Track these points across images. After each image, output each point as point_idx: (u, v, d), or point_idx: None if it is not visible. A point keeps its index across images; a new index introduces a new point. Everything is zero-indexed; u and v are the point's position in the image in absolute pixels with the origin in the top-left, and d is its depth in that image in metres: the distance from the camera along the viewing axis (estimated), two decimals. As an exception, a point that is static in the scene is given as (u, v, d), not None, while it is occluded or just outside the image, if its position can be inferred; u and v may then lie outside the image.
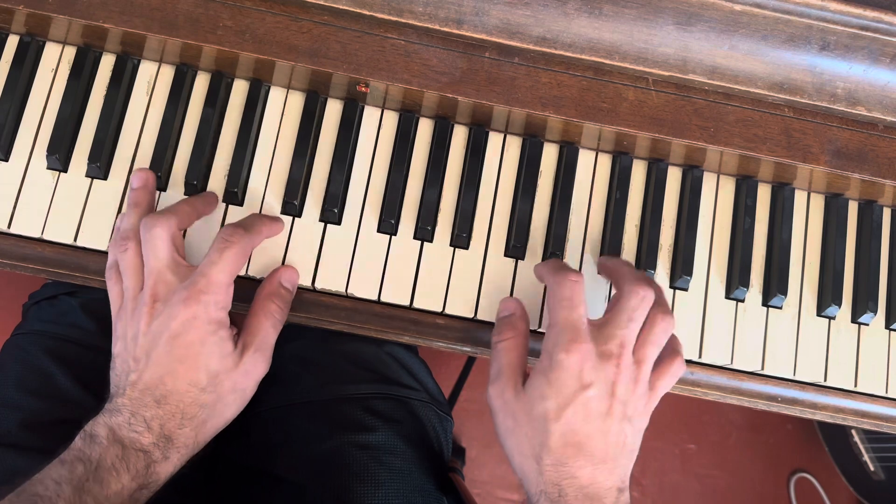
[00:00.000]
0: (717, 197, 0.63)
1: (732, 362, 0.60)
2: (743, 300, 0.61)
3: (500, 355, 0.53)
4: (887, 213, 0.64)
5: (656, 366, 0.53)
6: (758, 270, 0.62)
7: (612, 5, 0.54)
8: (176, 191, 0.58)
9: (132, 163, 0.58)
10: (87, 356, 0.64)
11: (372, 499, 0.60)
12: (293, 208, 0.58)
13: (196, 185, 0.58)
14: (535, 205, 0.60)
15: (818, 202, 0.64)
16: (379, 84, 0.57)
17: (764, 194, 0.63)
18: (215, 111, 0.59)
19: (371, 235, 0.59)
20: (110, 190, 0.58)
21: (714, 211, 0.62)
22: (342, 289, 0.58)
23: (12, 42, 0.59)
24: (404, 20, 0.55)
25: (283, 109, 0.60)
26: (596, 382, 0.49)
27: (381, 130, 0.60)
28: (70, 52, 0.59)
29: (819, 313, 0.61)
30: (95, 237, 0.57)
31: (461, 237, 0.59)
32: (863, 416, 0.62)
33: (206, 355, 0.50)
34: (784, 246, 0.61)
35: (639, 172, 0.62)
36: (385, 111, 0.61)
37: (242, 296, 0.55)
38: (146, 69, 0.60)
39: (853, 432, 1.31)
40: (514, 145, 0.61)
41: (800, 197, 0.63)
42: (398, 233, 0.59)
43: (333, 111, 0.60)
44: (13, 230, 0.57)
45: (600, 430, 0.49)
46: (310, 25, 0.56)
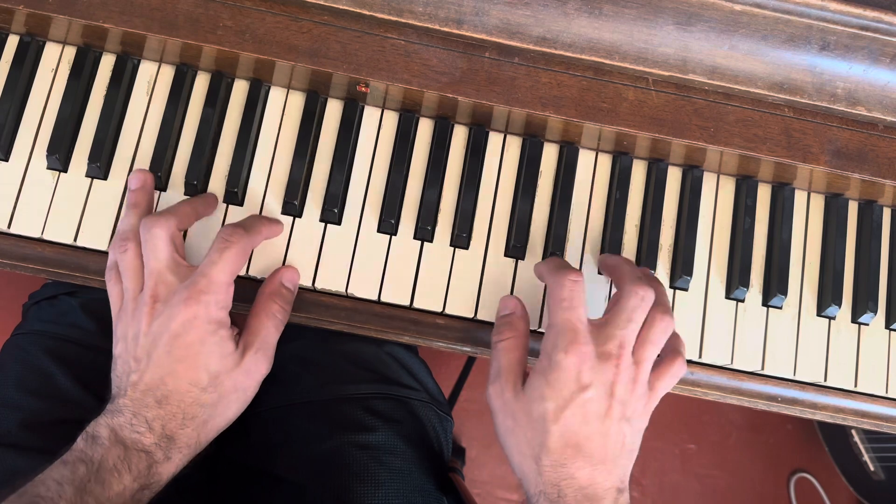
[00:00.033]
0: (717, 197, 0.63)
1: (732, 362, 0.60)
2: (743, 300, 0.61)
3: (500, 355, 0.53)
4: (887, 213, 0.64)
5: (656, 366, 0.53)
6: (758, 270, 0.62)
7: (612, 5, 0.54)
8: (176, 191, 0.58)
9: (132, 163, 0.58)
10: (87, 356, 0.64)
11: (372, 499, 0.60)
12: (293, 208, 0.58)
13: (196, 185, 0.58)
14: (535, 205, 0.60)
15: (818, 202, 0.64)
16: (379, 84, 0.57)
17: (764, 194, 0.63)
18: (215, 111, 0.59)
19: (371, 235, 0.59)
20: (110, 190, 0.58)
21: (714, 211, 0.62)
22: (342, 289, 0.58)
23: (12, 42, 0.59)
24: (404, 20, 0.55)
25: (284, 109, 0.60)
26: (594, 383, 0.48)
27: (382, 130, 0.60)
28: (70, 52, 0.59)
29: (819, 313, 0.62)
30: (95, 237, 0.57)
31: (461, 237, 0.59)
32: (863, 416, 0.62)
33: (207, 355, 0.50)
34: (784, 246, 0.61)
35: (639, 172, 0.62)
36: (385, 111, 0.61)
37: (243, 296, 0.55)
38: (146, 69, 0.60)
39: (853, 432, 1.31)
40: (514, 145, 0.61)
41: (800, 197, 0.63)
42: (398, 233, 0.59)
43: (333, 111, 0.60)
44: (13, 230, 0.57)
45: (599, 431, 0.49)
46: (310, 25, 0.56)
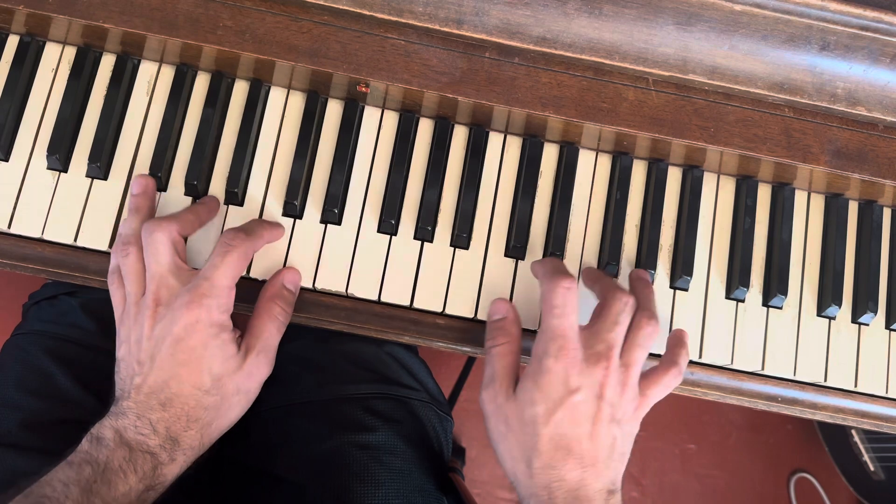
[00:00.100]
0: (718, 197, 0.63)
1: (732, 362, 0.60)
2: (743, 300, 0.61)
3: (494, 360, 0.54)
4: (887, 213, 0.64)
5: (651, 373, 0.54)
6: (758, 271, 0.62)
7: (612, 5, 0.54)
8: (176, 191, 0.58)
9: (132, 163, 0.58)
10: (87, 356, 0.64)
11: (372, 499, 0.60)
12: (294, 208, 0.58)
13: (196, 186, 0.57)
14: (535, 205, 0.60)
15: (818, 202, 0.64)
16: (379, 84, 0.57)
17: (764, 194, 0.63)
18: (215, 111, 0.59)
19: (371, 236, 0.59)
20: (110, 190, 0.58)
21: (714, 211, 0.62)
22: (342, 289, 0.58)
23: (12, 42, 0.59)
24: (404, 20, 0.55)
25: (284, 110, 0.60)
26: (583, 386, 0.49)
27: (382, 130, 0.60)
28: (70, 52, 0.59)
29: (819, 313, 0.61)
30: (95, 237, 0.57)
31: (461, 237, 0.59)
32: (863, 416, 0.62)
33: (209, 358, 0.50)
34: (784, 246, 0.61)
35: (639, 172, 0.62)
36: (385, 111, 0.61)
37: (244, 297, 0.55)
38: (146, 69, 0.60)
39: (853, 432, 1.31)
40: (515, 145, 0.61)
41: (800, 197, 0.63)
42: (398, 233, 0.59)
43: (334, 111, 0.60)
44: (13, 230, 0.57)
45: (589, 434, 0.49)
46: (310, 25, 0.56)
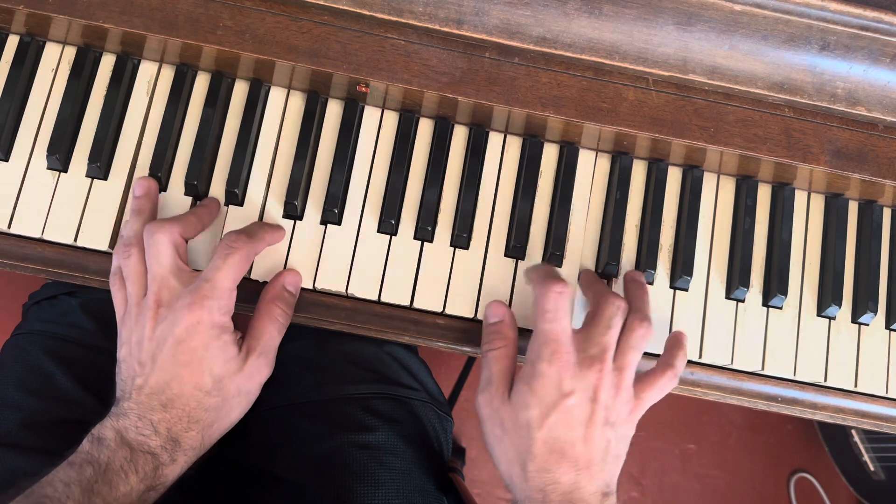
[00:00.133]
0: (718, 197, 0.63)
1: (732, 362, 0.60)
2: (743, 300, 0.61)
3: (491, 364, 0.54)
4: (887, 213, 0.64)
5: (646, 376, 0.54)
6: (758, 271, 0.62)
7: (612, 5, 0.54)
8: (176, 191, 0.58)
9: (132, 163, 0.58)
10: (87, 356, 0.64)
11: (372, 499, 0.60)
12: (294, 208, 0.58)
13: (196, 186, 0.57)
14: (535, 205, 0.60)
15: (818, 202, 0.64)
16: (379, 84, 0.57)
17: (764, 194, 0.63)
18: (216, 111, 0.59)
19: (371, 236, 0.59)
20: (110, 190, 0.58)
21: (714, 211, 0.62)
22: (342, 289, 0.58)
23: (12, 42, 0.59)
24: (404, 20, 0.55)
25: (284, 110, 0.60)
26: (577, 390, 0.50)
27: (382, 130, 0.60)
28: (70, 52, 0.59)
29: (819, 313, 0.61)
30: (95, 237, 0.57)
31: (461, 237, 0.59)
32: (863, 416, 0.62)
33: (211, 359, 0.50)
34: (784, 246, 0.61)
35: (639, 172, 0.62)
36: (385, 111, 0.61)
37: (245, 298, 0.55)
38: (146, 69, 0.60)
39: (853, 432, 1.31)
40: (514, 145, 0.61)
41: (800, 197, 0.63)
42: (398, 233, 0.59)
43: (334, 111, 0.60)
44: (13, 230, 0.57)
45: (582, 437, 0.50)
46: (310, 25, 0.56)
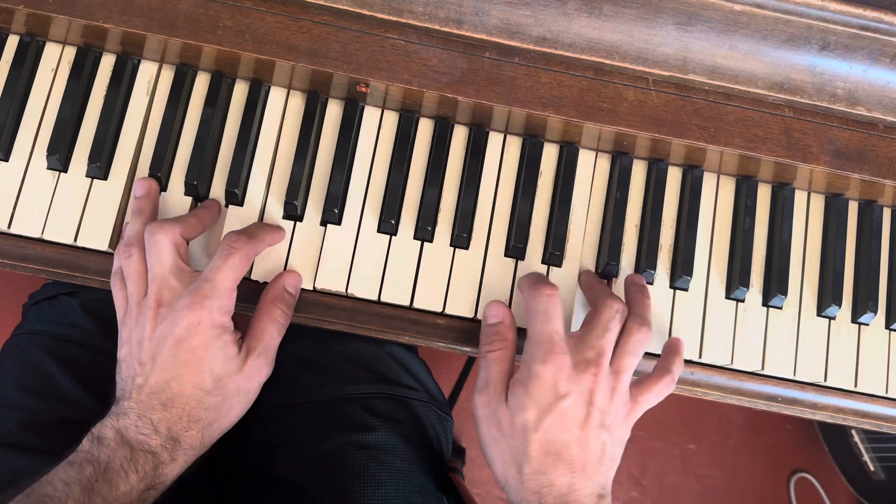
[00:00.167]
0: (717, 197, 0.63)
1: (732, 362, 0.60)
2: (743, 300, 0.61)
3: (489, 366, 0.54)
4: (887, 213, 0.64)
5: (644, 380, 0.54)
6: (758, 270, 0.62)
7: (612, 5, 0.54)
8: (176, 191, 0.58)
9: (132, 163, 0.58)
10: (87, 356, 0.64)
11: (372, 499, 0.60)
12: (294, 208, 0.58)
13: (196, 186, 0.57)
14: (535, 205, 0.60)
15: (818, 202, 0.64)
16: (379, 84, 0.57)
17: (764, 194, 0.63)
18: (216, 111, 0.59)
19: (371, 236, 0.59)
20: (110, 190, 0.58)
21: (714, 211, 0.62)
22: (342, 289, 0.58)
23: (12, 42, 0.59)
24: (404, 20, 0.55)
25: (284, 110, 0.60)
26: (572, 392, 0.49)
27: (382, 130, 0.60)
28: (70, 52, 0.59)
29: (819, 313, 0.61)
30: (95, 237, 0.57)
31: (461, 237, 0.59)
32: (863, 416, 0.62)
33: (211, 359, 0.50)
34: (784, 246, 0.61)
35: (639, 172, 0.62)
36: (385, 111, 0.61)
37: (245, 298, 0.55)
38: (146, 69, 0.60)
39: (853, 432, 1.31)
40: (514, 145, 0.61)
41: (800, 197, 0.63)
42: (398, 233, 0.59)
43: (334, 111, 0.60)
44: (13, 230, 0.57)
45: (578, 439, 0.50)
46: (310, 25, 0.56)
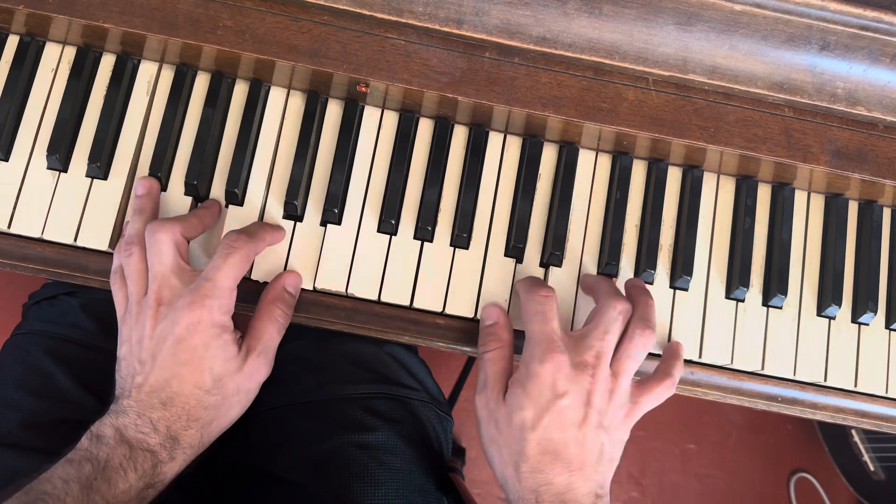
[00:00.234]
0: (717, 197, 0.63)
1: (732, 362, 0.60)
2: (743, 300, 0.61)
3: (486, 366, 0.54)
4: (887, 213, 0.63)
5: (645, 382, 0.54)
6: (758, 270, 0.62)
7: (612, 5, 0.54)
8: (176, 191, 0.58)
9: (132, 163, 0.58)
10: (87, 356, 0.64)
11: (372, 499, 0.60)
12: (294, 208, 0.58)
13: (196, 186, 0.57)
14: (535, 205, 0.60)
15: (818, 202, 0.64)
16: (379, 84, 0.57)
17: (764, 194, 0.63)
18: (216, 111, 0.59)
19: (371, 235, 0.59)
20: (110, 190, 0.58)
21: (714, 211, 0.62)
22: (342, 289, 0.58)
23: (12, 42, 0.59)
24: (404, 20, 0.55)
25: (284, 110, 0.60)
26: (570, 392, 0.50)
27: (382, 130, 0.60)
28: (70, 52, 0.59)
29: (819, 313, 0.61)
30: (95, 237, 0.57)
31: (461, 237, 0.59)
32: (863, 416, 0.62)
33: (211, 358, 0.50)
34: (784, 246, 0.61)
35: (639, 172, 0.62)
36: (385, 111, 0.61)
37: (245, 298, 0.55)
38: (146, 69, 0.60)
39: (853, 432, 1.31)
40: (514, 145, 0.61)
41: (800, 197, 0.63)
42: (398, 233, 0.59)
43: (334, 111, 0.60)
44: (13, 230, 0.57)
45: (576, 438, 0.50)
46: (310, 25, 0.56)
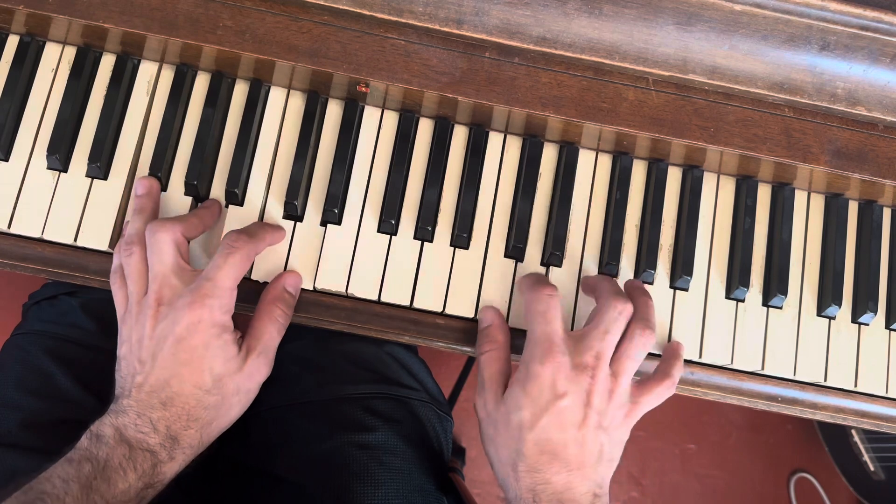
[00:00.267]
0: (718, 197, 0.63)
1: (732, 362, 0.60)
2: (743, 300, 0.61)
3: (483, 367, 0.54)
4: (887, 213, 0.63)
5: (645, 382, 0.54)
6: (758, 270, 0.62)
7: (612, 5, 0.54)
8: (176, 191, 0.58)
9: (132, 163, 0.58)
10: (87, 356, 0.64)
11: (372, 499, 0.60)
12: (294, 208, 0.58)
13: (196, 186, 0.57)
14: (535, 205, 0.60)
15: (818, 202, 0.64)
16: (379, 84, 0.57)
17: (764, 194, 0.63)
18: (216, 111, 0.59)
19: (371, 236, 0.59)
20: (110, 190, 0.58)
21: (714, 211, 0.62)
22: (342, 289, 0.58)
23: (12, 42, 0.59)
24: (404, 20, 0.55)
25: (284, 110, 0.60)
26: (570, 392, 0.50)
27: (382, 130, 0.60)
28: (70, 52, 0.59)
29: (819, 313, 0.61)
30: (95, 237, 0.57)
31: (461, 237, 0.59)
32: (863, 416, 0.62)
33: (211, 358, 0.50)
34: (784, 246, 0.61)
35: (639, 172, 0.62)
36: (385, 111, 0.61)
37: (245, 298, 0.55)
38: (146, 69, 0.60)
39: (853, 432, 1.31)
40: (514, 145, 0.61)
41: (800, 197, 0.63)
42: (398, 233, 0.59)
43: (334, 111, 0.60)
44: (13, 230, 0.57)
45: (575, 439, 0.50)
46: (310, 25, 0.56)
